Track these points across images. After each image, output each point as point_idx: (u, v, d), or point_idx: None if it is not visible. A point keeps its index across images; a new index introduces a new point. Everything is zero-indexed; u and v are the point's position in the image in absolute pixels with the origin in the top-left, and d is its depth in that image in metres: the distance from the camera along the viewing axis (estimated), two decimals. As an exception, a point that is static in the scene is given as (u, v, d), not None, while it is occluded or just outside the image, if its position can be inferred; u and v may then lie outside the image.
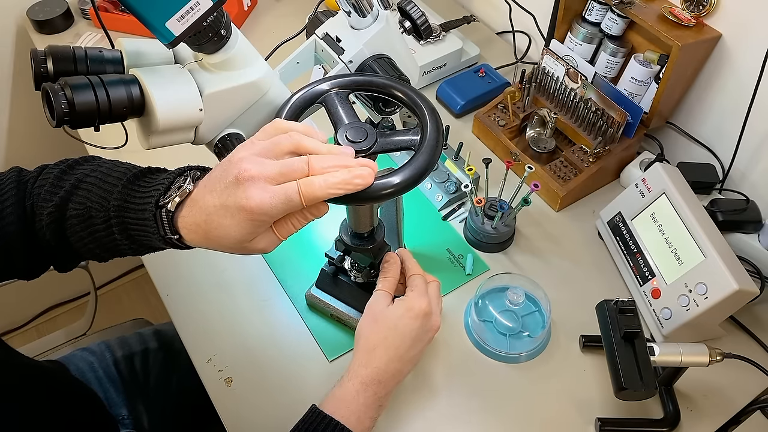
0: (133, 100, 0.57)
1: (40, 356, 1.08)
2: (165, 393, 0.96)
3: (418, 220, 0.94)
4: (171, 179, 0.55)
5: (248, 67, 0.63)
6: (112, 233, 0.57)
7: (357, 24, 0.76)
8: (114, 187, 0.57)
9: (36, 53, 0.57)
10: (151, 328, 1.05)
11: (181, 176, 0.55)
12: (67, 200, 0.59)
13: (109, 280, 1.91)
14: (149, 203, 0.54)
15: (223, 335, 0.82)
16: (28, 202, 0.61)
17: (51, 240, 0.60)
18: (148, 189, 0.56)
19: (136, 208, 0.55)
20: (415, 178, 0.55)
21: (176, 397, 0.96)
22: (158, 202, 0.53)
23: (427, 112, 0.60)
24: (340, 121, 0.61)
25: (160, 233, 0.53)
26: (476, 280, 0.88)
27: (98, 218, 0.57)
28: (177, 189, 0.53)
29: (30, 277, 0.66)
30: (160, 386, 0.96)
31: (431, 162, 0.55)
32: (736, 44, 0.87)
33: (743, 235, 0.87)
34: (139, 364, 0.97)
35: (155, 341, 1.01)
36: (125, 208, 0.56)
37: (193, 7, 0.53)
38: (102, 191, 0.58)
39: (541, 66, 1.01)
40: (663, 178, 0.82)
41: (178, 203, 0.52)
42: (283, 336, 0.82)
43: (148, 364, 0.97)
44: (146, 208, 0.54)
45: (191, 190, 0.53)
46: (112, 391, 0.91)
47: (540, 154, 1.01)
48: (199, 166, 0.58)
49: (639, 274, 0.84)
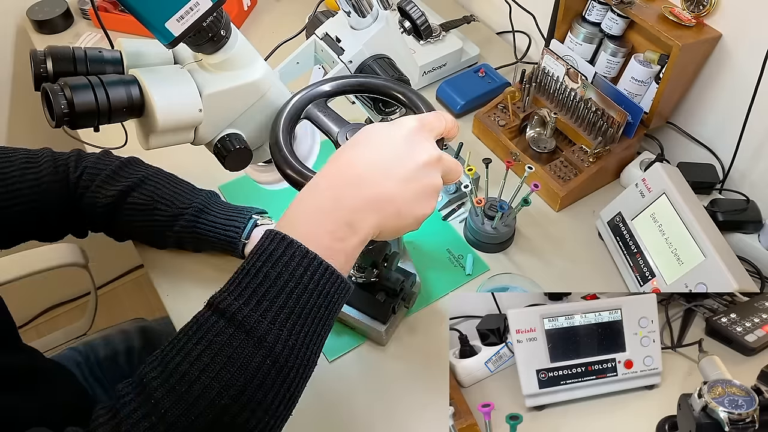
0: (133, 100, 0.57)
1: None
2: None
3: (418, 220, 0.94)
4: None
5: (248, 68, 0.63)
6: (172, 225, 0.79)
7: (357, 24, 0.76)
8: (186, 191, 0.81)
9: (35, 53, 0.57)
10: (136, 326, 1.05)
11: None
12: (132, 189, 0.78)
13: (109, 280, 1.91)
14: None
15: (223, 335, 0.82)
16: (74, 174, 0.77)
17: (100, 213, 0.78)
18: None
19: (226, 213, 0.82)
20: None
21: None
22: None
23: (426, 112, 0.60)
24: (330, 130, 0.61)
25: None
26: (476, 280, 0.88)
27: (162, 209, 0.79)
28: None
29: (53, 238, 0.81)
30: None
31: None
32: (736, 44, 0.87)
33: (743, 235, 0.87)
34: (123, 363, 0.96)
35: (140, 339, 1.01)
36: (205, 211, 0.80)
37: (193, 7, 0.53)
38: (170, 191, 0.80)
39: (541, 66, 1.01)
40: (663, 178, 0.82)
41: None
42: (283, 336, 0.82)
43: (132, 363, 0.97)
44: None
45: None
46: (99, 390, 0.91)
47: (540, 154, 1.01)
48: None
49: (639, 274, 0.84)
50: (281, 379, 0.46)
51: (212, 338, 0.45)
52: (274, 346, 0.45)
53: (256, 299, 0.46)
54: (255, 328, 0.45)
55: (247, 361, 0.45)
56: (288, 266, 0.46)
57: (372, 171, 0.50)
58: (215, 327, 0.46)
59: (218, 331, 0.45)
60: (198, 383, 0.44)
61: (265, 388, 0.45)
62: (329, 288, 0.48)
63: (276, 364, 0.46)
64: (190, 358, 0.45)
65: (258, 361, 0.45)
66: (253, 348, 0.45)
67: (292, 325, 0.46)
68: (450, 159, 0.54)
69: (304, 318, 0.47)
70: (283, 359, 0.46)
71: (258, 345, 0.45)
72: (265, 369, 0.45)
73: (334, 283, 0.48)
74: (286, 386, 0.47)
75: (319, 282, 0.47)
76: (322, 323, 0.49)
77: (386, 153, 0.51)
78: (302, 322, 0.47)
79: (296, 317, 0.46)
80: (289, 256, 0.47)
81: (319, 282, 0.47)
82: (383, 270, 0.77)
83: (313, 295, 0.47)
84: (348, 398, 0.76)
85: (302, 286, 0.47)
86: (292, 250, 0.47)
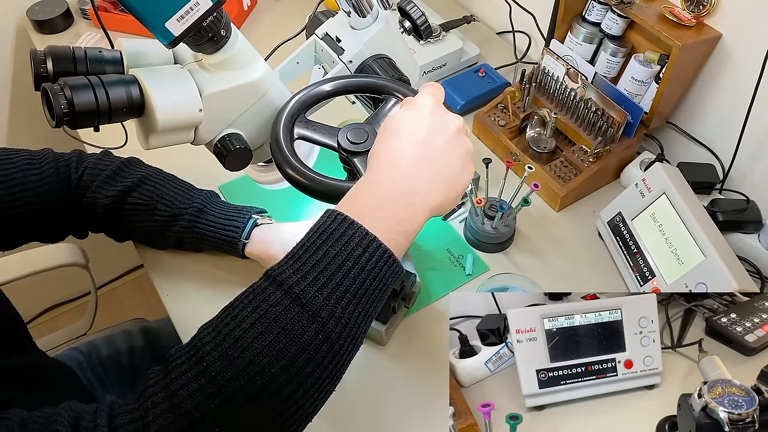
0: (133, 100, 0.57)
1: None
2: None
3: (418, 220, 0.94)
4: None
5: (248, 68, 0.63)
6: (172, 225, 0.79)
7: (357, 24, 0.76)
8: (185, 191, 0.80)
9: (36, 53, 0.58)
10: (138, 326, 1.05)
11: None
12: (132, 189, 0.78)
13: (109, 280, 1.91)
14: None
15: (223, 335, 0.82)
16: (75, 175, 0.77)
17: (101, 214, 0.77)
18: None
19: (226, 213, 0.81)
20: None
21: None
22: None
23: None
24: (326, 142, 0.62)
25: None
26: (476, 280, 0.88)
27: (162, 210, 0.78)
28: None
29: (54, 239, 0.81)
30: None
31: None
32: (736, 44, 0.87)
33: (743, 235, 0.87)
34: (126, 363, 0.96)
35: (142, 339, 1.01)
36: (204, 211, 0.80)
37: (193, 7, 0.53)
38: (170, 191, 0.79)
39: (541, 66, 1.01)
40: (663, 178, 0.82)
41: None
42: (283, 336, 0.82)
43: (134, 363, 0.97)
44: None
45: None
46: (100, 390, 0.91)
47: (540, 154, 1.01)
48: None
49: (639, 274, 0.84)
50: (331, 355, 0.47)
51: (267, 308, 0.46)
52: (328, 321, 0.46)
53: (314, 275, 0.47)
54: (311, 302, 0.46)
55: (300, 333, 0.46)
56: (347, 246, 0.48)
57: (419, 152, 0.52)
58: (271, 297, 0.47)
59: (274, 302, 0.46)
60: (250, 350, 0.45)
61: (314, 362, 0.46)
62: (385, 271, 0.49)
63: (328, 339, 0.46)
64: (244, 326, 0.46)
65: (310, 334, 0.46)
66: (307, 321, 0.46)
67: (347, 304, 0.47)
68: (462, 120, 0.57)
69: (359, 298, 0.48)
70: (335, 336, 0.47)
71: (312, 319, 0.46)
72: (316, 343, 0.46)
73: (390, 267, 0.49)
74: (334, 363, 0.48)
75: (376, 264, 0.48)
76: (374, 304, 0.50)
77: (423, 133, 0.53)
78: (356, 302, 0.48)
79: (351, 296, 0.47)
80: (349, 236, 0.48)
81: (377, 264, 0.48)
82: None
83: (369, 277, 0.48)
84: (348, 398, 0.76)
85: (359, 267, 0.48)
86: (352, 230, 0.48)
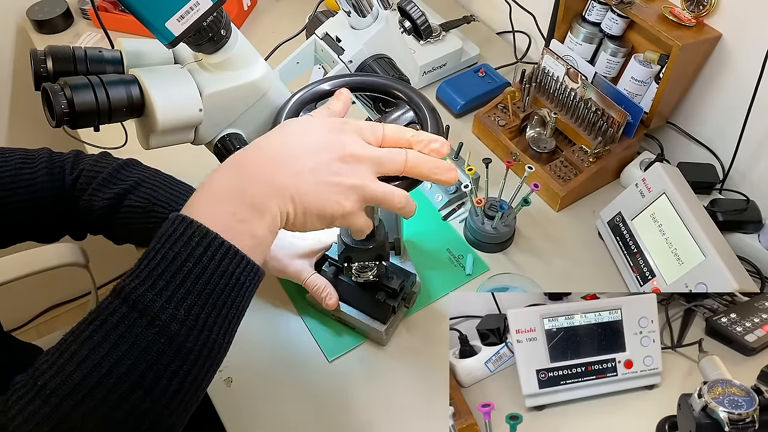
0: (133, 100, 0.57)
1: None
2: None
3: (418, 220, 0.94)
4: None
5: (248, 67, 0.63)
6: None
7: (357, 24, 0.76)
8: (183, 193, 0.77)
9: (36, 53, 0.58)
10: None
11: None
12: (129, 192, 0.74)
13: (109, 280, 1.91)
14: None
15: (223, 335, 0.82)
16: (70, 176, 0.74)
17: (97, 216, 0.74)
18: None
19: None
20: (416, 179, 0.55)
21: None
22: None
23: (427, 111, 0.60)
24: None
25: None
26: (476, 280, 0.88)
27: (159, 212, 0.74)
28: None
29: (48, 239, 0.78)
30: None
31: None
32: (736, 44, 0.87)
33: (743, 235, 0.87)
34: None
35: None
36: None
37: (193, 7, 0.53)
38: (168, 193, 0.76)
39: (541, 66, 1.01)
40: (663, 178, 0.82)
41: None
42: (283, 336, 0.82)
43: None
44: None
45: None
46: None
47: (540, 154, 1.01)
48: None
49: (639, 274, 0.84)
50: (179, 360, 0.45)
51: (105, 318, 0.45)
52: (169, 325, 0.44)
53: (152, 279, 0.45)
54: (149, 306, 0.44)
55: (137, 339, 0.44)
56: (187, 246, 0.46)
57: (277, 157, 0.50)
58: (109, 308, 0.45)
59: (111, 311, 0.45)
60: (87, 362, 0.43)
61: (159, 368, 0.44)
62: (233, 269, 0.47)
63: (172, 343, 0.44)
64: (81, 338, 0.44)
65: (149, 339, 0.44)
66: (146, 326, 0.44)
67: (191, 305, 0.45)
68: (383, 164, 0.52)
69: (205, 298, 0.46)
70: (181, 339, 0.45)
71: (150, 323, 0.44)
72: (158, 348, 0.44)
73: (239, 264, 0.47)
74: (186, 368, 0.45)
75: (221, 262, 0.46)
76: (229, 305, 0.47)
77: (298, 141, 0.51)
78: (203, 303, 0.46)
79: (195, 297, 0.45)
80: (188, 236, 0.46)
81: (221, 262, 0.46)
82: (387, 264, 0.76)
83: (215, 275, 0.46)
84: (348, 398, 0.76)
85: (202, 266, 0.46)
86: (191, 230, 0.46)
